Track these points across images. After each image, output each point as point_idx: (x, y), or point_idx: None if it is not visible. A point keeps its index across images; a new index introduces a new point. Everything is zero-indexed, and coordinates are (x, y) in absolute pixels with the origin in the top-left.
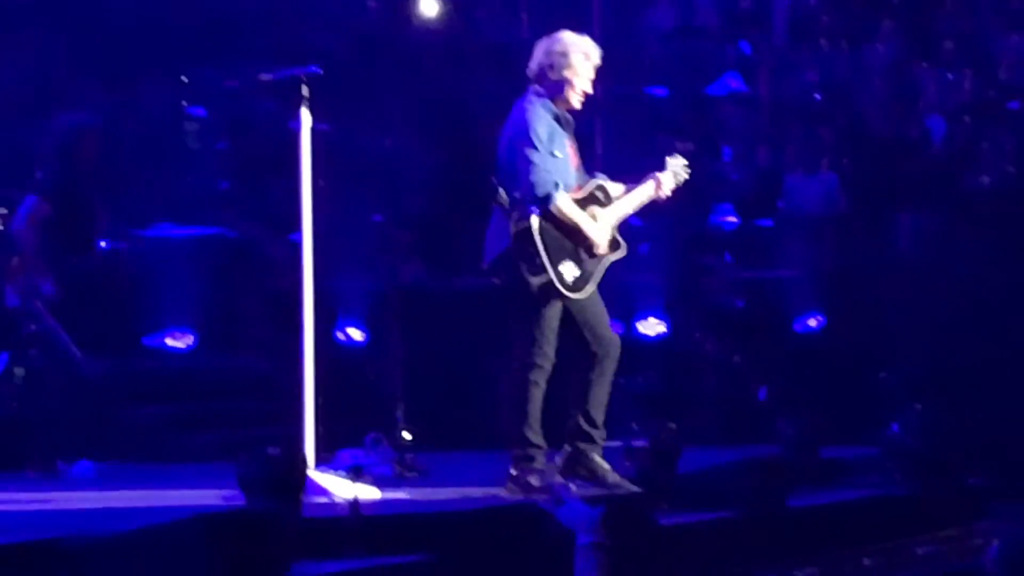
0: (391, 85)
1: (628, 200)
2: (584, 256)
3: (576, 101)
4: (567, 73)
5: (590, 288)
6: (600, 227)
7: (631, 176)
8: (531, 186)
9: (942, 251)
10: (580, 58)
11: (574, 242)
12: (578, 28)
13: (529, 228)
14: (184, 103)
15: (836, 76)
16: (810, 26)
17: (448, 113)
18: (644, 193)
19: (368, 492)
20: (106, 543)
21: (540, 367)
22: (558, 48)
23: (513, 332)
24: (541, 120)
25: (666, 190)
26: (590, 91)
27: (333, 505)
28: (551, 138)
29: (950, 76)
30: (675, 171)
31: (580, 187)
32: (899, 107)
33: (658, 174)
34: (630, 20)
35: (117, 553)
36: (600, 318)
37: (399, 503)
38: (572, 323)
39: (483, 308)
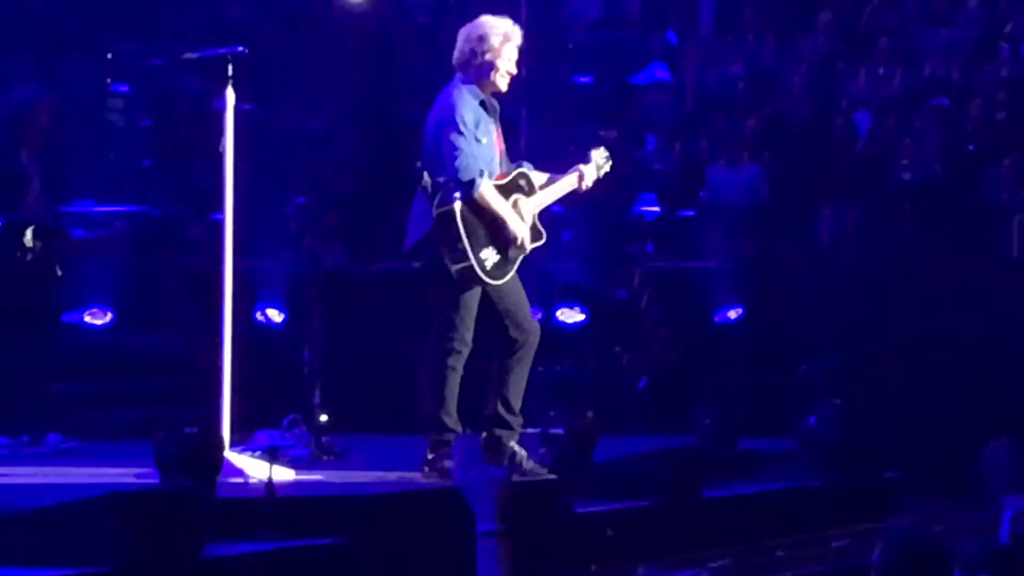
0: (317, 66)
1: (551, 190)
2: (504, 243)
3: (502, 84)
4: (489, 56)
5: (510, 275)
6: (521, 218)
7: (555, 163)
8: (455, 171)
9: (862, 245)
10: (500, 39)
11: (496, 229)
12: (505, 14)
13: (451, 213)
14: (108, 79)
15: (761, 68)
16: (736, 18)
17: (373, 96)
18: (567, 184)
19: (284, 474)
20: (18, 518)
21: (458, 352)
22: (478, 32)
23: (431, 316)
24: (467, 105)
25: (589, 181)
26: (515, 71)
27: (248, 486)
28: (477, 124)
29: (880, 71)
30: (598, 163)
31: (504, 174)
32: (824, 101)
33: (581, 165)
34: (556, 7)
35: (30, 529)
36: (520, 305)
37: (315, 485)
38: (492, 309)
39: (402, 292)
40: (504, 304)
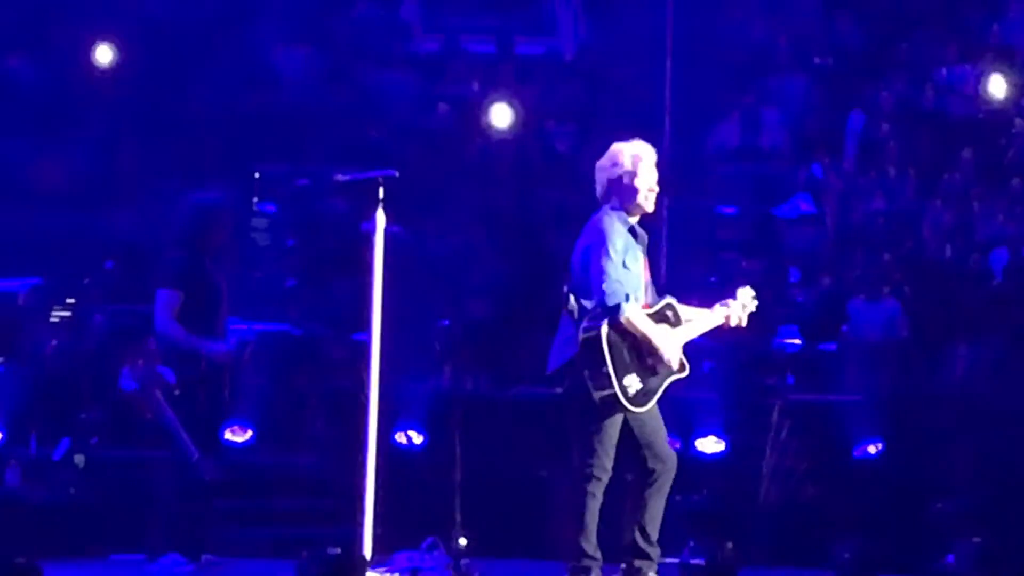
0: (459, 191)
1: (697, 324)
2: (649, 371)
3: (648, 204)
4: (627, 180)
5: (651, 403)
6: (670, 342)
7: (696, 293)
8: (602, 295)
9: (998, 382)
10: (633, 160)
11: (641, 355)
12: (648, 143)
13: (598, 338)
14: (255, 199)
15: (902, 203)
16: (879, 152)
17: (514, 222)
18: (713, 319)
19: None
20: None
21: (598, 479)
22: (612, 159)
23: (572, 442)
24: (618, 232)
25: (735, 320)
26: (656, 189)
27: None
28: (626, 250)
29: (1019, 209)
30: (744, 302)
31: (648, 304)
32: (962, 237)
33: (729, 302)
34: (701, 137)
35: None
36: (659, 433)
37: None
38: (630, 437)
39: (542, 417)
40: (643, 433)
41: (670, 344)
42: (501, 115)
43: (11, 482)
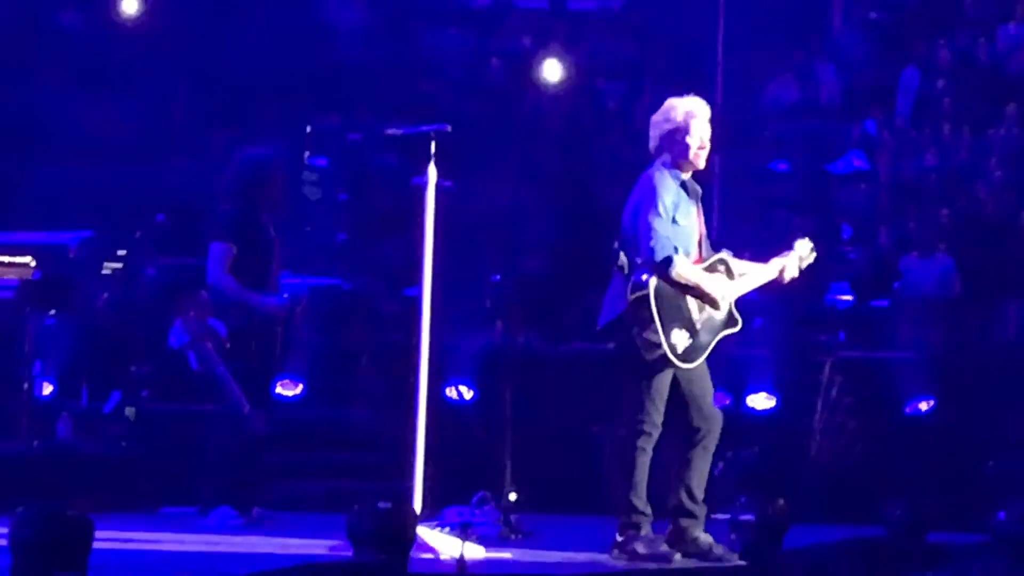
0: (513, 145)
1: (750, 278)
2: (698, 327)
3: (700, 161)
4: (679, 136)
5: (700, 359)
6: (720, 286)
7: (748, 249)
8: (651, 251)
9: None
10: (686, 116)
11: (690, 311)
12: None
13: (646, 295)
14: (307, 153)
15: (955, 160)
16: (934, 108)
17: (566, 177)
18: (767, 274)
19: (474, 551)
20: None
21: (648, 434)
22: (664, 115)
23: (622, 397)
24: (668, 188)
25: (791, 273)
26: (708, 146)
27: (439, 562)
28: (676, 206)
29: None
30: (801, 254)
31: (702, 258)
32: (1016, 194)
33: (785, 255)
34: (754, 94)
35: None
36: (706, 392)
37: (504, 564)
38: (678, 394)
39: (593, 373)
40: (691, 390)
41: (721, 288)
42: (552, 70)
43: (62, 435)
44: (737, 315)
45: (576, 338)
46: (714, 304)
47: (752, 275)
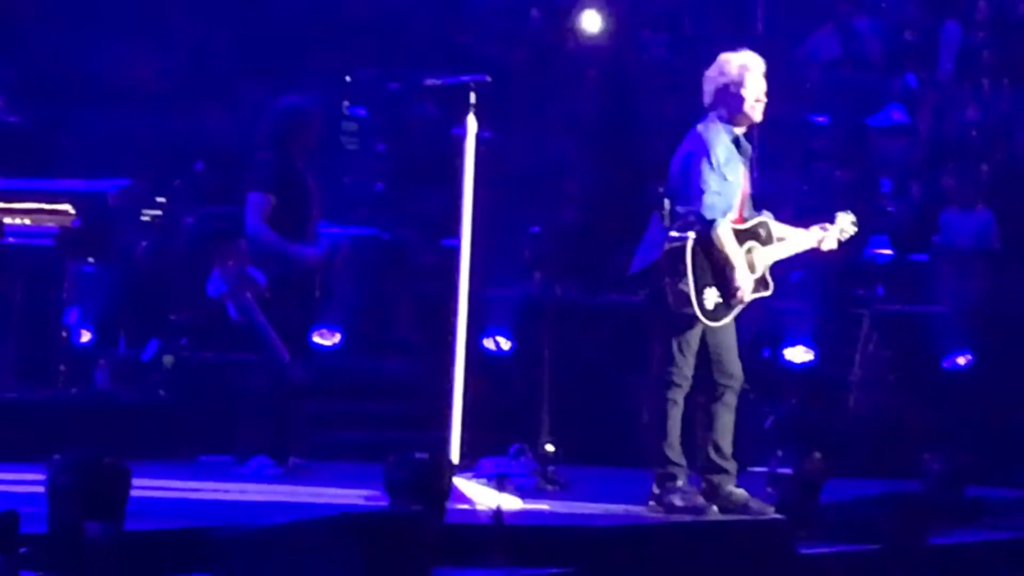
0: (552, 97)
1: (788, 244)
2: (727, 289)
3: (756, 114)
4: (734, 89)
5: (727, 319)
6: (752, 267)
7: (787, 202)
8: (700, 206)
9: None
10: (740, 69)
11: (721, 272)
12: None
13: (683, 248)
14: (346, 103)
15: (996, 114)
16: (974, 63)
17: (608, 129)
18: (806, 241)
19: (510, 502)
20: (249, 536)
21: (677, 385)
22: (718, 69)
23: (653, 347)
24: (721, 142)
25: (830, 244)
26: (764, 100)
27: (476, 513)
28: (727, 161)
29: None
30: (843, 227)
31: (743, 219)
32: None
33: (826, 226)
34: (794, 45)
35: (260, 547)
36: (730, 350)
37: (540, 515)
38: (703, 348)
39: (631, 325)
40: (715, 347)
41: (748, 270)
42: (592, 21)
43: (100, 382)
44: (770, 280)
45: (614, 289)
46: (735, 290)
47: (790, 241)
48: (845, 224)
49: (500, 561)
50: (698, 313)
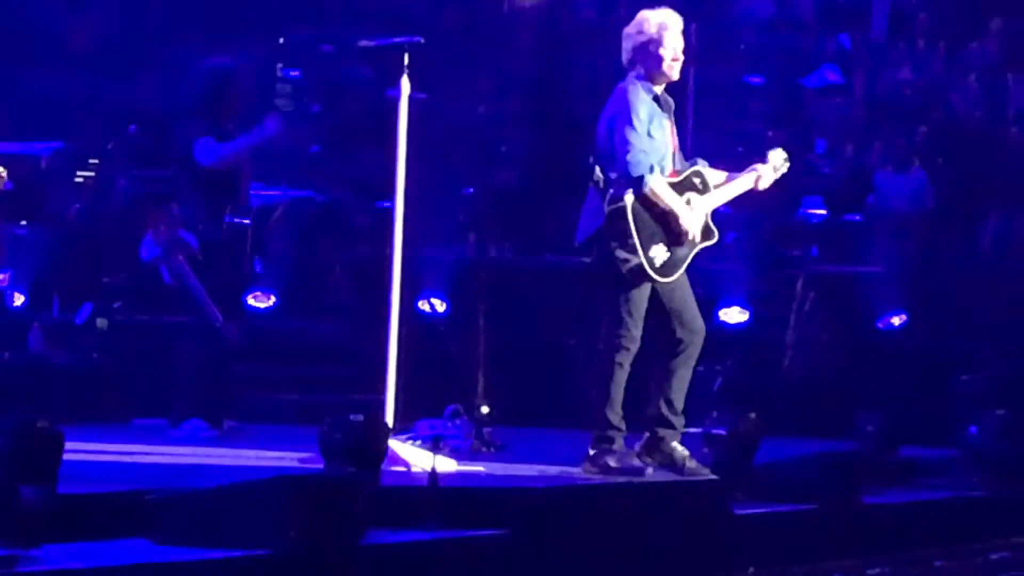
0: (485, 58)
1: (726, 189)
2: (675, 240)
3: (673, 72)
4: (652, 48)
5: (679, 273)
6: (693, 214)
7: (722, 163)
8: (627, 166)
9: None
10: (659, 28)
11: (667, 225)
12: (676, 11)
13: (623, 209)
14: (280, 65)
15: (930, 74)
16: (909, 23)
17: (542, 90)
18: (743, 183)
19: (446, 464)
20: (183, 499)
21: (626, 349)
22: (637, 27)
23: (601, 312)
24: (642, 101)
25: (765, 182)
26: (681, 58)
27: (411, 475)
28: (650, 119)
29: None
30: (775, 164)
31: (677, 172)
32: (992, 108)
33: (759, 166)
34: (728, 7)
35: (194, 510)
36: (687, 304)
37: (476, 477)
38: (659, 307)
39: (567, 286)
40: (672, 303)
41: (693, 217)
42: None
43: (33, 346)
44: (713, 227)
45: (549, 251)
46: (683, 234)
47: (727, 186)
48: (777, 161)
49: (435, 523)
50: (649, 271)
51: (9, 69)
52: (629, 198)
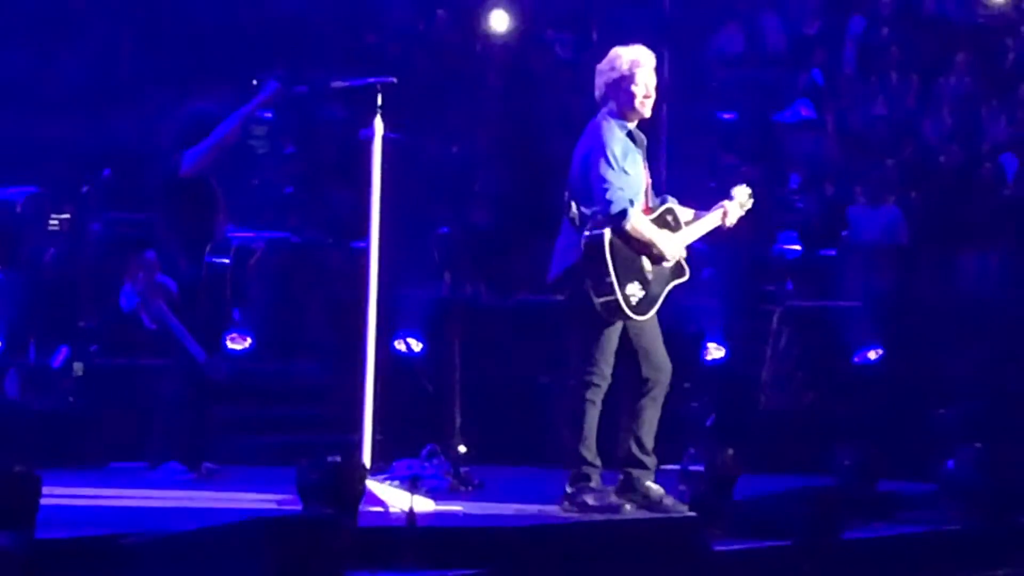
0: (459, 97)
1: (697, 226)
2: (650, 278)
3: (645, 110)
4: (625, 85)
5: (652, 311)
6: (673, 245)
7: (696, 199)
8: (606, 203)
9: (1005, 288)
10: (631, 65)
11: (643, 263)
12: (648, 48)
13: (601, 245)
14: None
15: (904, 109)
16: (880, 57)
17: (514, 128)
18: (712, 220)
19: (424, 504)
20: (161, 542)
21: (597, 386)
22: (610, 64)
23: (571, 349)
24: (616, 138)
25: (732, 219)
26: (653, 95)
27: (389, 515)
28: (625, 155)
29: (1021, 114)
30: (741, 201)
31: (650, 208)
32: (967, 143)
33: (725, 203)
34: (700, 44)
35: (172, 553)
36: (656, 343)
37: (453, 516)
38: (628, 345)
39: (542, 325)
40: (642, 341)
41: (674, 248)
42: (500, 20)
43: (10, 390)
44: (685, 265)
45: (524, 289)
46: (663, 260)
47: (698, 223)
48: (743, 197)
49: (414, 563)
50: (625, 308)
51: None
52: (608, 234)
